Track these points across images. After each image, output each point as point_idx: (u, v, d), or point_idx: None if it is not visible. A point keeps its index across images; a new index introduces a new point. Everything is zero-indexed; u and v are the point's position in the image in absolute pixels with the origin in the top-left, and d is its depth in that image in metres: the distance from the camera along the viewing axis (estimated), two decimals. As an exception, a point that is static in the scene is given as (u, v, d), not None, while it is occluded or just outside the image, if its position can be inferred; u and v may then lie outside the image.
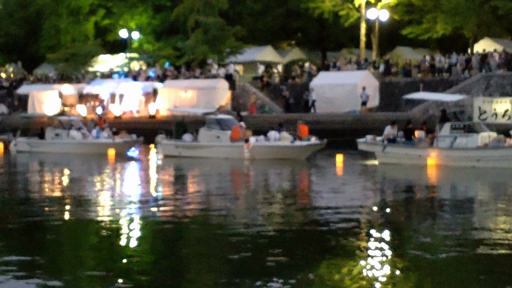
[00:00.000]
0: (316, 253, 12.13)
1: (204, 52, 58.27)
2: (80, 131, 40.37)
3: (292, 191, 22.54)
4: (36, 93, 62.18)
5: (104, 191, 21.95)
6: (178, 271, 11.09)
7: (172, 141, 36.89)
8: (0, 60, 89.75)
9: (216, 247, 12.91)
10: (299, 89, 53.32)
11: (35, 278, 10.42)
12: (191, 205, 18.14)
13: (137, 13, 74.79)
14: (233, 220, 15.64)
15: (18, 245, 13.16)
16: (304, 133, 35.14)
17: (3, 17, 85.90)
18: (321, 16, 60.10)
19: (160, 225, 15.13)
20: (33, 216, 16.66)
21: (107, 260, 11.88)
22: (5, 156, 39.89)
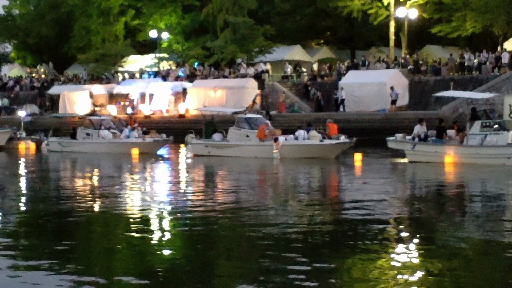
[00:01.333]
0: (345, 251, 12.15)
1: (233, 51, 58.46)
2: (110, 130, 40.68)
3: (321, 189, 22.56)
4: (67, 93, 62.78)
5: (134, 190, 22.12)
6: (206, 269, 11.15)
7: (202, 140, 37.04)
8: (32, 61, 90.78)
9: (244, 245, 12.96)
10: (328, 88, 53.28)
11: (67, 274, 10.59)
12: (220, 204, 18.22)
13: (166, 13, 75.11)
14: (262, 218, 15.70)
15: (50, 241, 13.34)
16: (333, 132, 35.10)
17: (35, 19, 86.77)
18: (350, 15, 59.93)
19: (189, 224, 15.22)
20: (64, 213, 16.89)
21: (136, 257, 12.00)
22: (37, 155, 40.32)
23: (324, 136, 34.08)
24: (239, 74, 58.12)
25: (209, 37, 68.58)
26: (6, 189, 22.56)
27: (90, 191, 22.14)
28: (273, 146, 33.01)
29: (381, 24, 58.96)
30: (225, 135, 36.49)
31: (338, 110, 48.43)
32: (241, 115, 36.39)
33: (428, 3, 56.59)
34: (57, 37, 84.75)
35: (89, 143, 40.93)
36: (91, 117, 44.54)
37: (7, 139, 44.84)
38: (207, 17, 67.14)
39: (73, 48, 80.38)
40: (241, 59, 60.23)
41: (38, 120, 59.77)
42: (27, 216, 17.04)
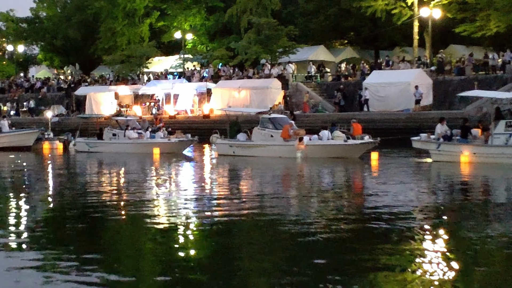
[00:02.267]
0: (369, 249, 12.25)
1: (257, 52, 58.65)
2: (136, 131, 41.05)
3: (344, 188, 22.69)
4: (93, 94, 63.30)
5: (159, 189, 22.35)
6: (230, 267, 11.32)
7: (226, 140, 37.28)
8: (59, 62, 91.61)
9: (269, 244, 13.11)
10: (352, 88, 53.34)
11: (93, 272, 10.81)
12: (245, 204, 18.30)
13: (191, 14, 75.55)
14: (286, 217, 15.84)
15: (77, 240, 13.58)
16: (357, 132, 35.19)
17: (61, 21, 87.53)
18: (374, 15, 59.88)
19: (214, 223, 15.35)
20: (91, 213, 17.15)
21: (161, 255, 12.20)
22: (64, 155, 40.77)
23: (349, 136, 34.20)
24: (263, 74, 58.35)
25: (233, 38, 68.89)
26: (34, 188, 22.96)
27: (116, 191, 22.42)
28: (297, 146, 33.16)
29: (404, 24, 58.86)
30: (249, 135, 36.70)
31: (362, 110, 48.47)
32: (266, 115, 36.57)
33: (452, 2, 56.40)
34: (83, 38, 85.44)
35: (115, 143, 41.35)
36: (117, 118, 44.93)
37: (35, 139, 45.39)
38: (231, 18, 67.43)
39: (99, 50, 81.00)
40: (265, 60, 60.43)
41: (65, 120, 60.40)
42: (55, 215, 17.34)
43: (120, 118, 44.23)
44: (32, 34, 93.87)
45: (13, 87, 79.40)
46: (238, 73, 60.93)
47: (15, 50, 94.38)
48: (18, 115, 69.78)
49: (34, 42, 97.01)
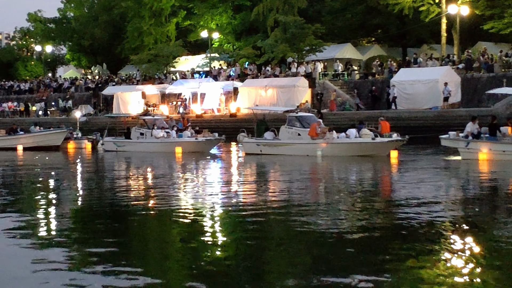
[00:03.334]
0: (398, 249, 12.12)
1: (284, 50, 58.56)
2: (163, 130, 41.16)
3: (373, 187, 22.54)
4: (121, 94, 63.60)
5: (187, 188, 22.34)
6: (258, 267, 11.26)
7: (254, 139, 37.24)
8: (86, 62, 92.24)
9: (297, 244, 13.00)
10: (379, 86, 53.09)
11: (121, 272, 10.76)
12: (273, 202, 18.25)
13: (217, 13, 75.63)
14: (313, 216, 15.74)
15: (105, 239, 13.58)
16: (385, 130, 35.03)
17: (89, 21, 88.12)
18: (401, 12, 59.59)
19: (242, 222, 15.33)
20: (118, 212, 17.22)
21: (189, 254, 12.15)
22: (93, 155, 41.00)
23: (376, 134, 34.05)
24: (289, 73, 58.26)
25: (259, 36, 68.88)
26: (63, 188, 23.09)
27: (143, 189, 22.46)
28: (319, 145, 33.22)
29: (432, 21, 58.52)
30: (277, 134, 36.66)
31: (390, 108, 48.25)
32: (293, 114, 36.50)
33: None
34: (110, 38, 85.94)
35: (143, 142, 41.49)
36: (144, 117, 45.09)
37: (63, 139, 45.72)
38: (257, 17, 67.39)
39: (126, 49, 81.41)
40: (291, 58, 60.34)
41: (93, 120, 60.75)
42: (83, 214, 17.40)
43: (148, 118, 44.36)
44: (60, 34, 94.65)
45: (42, 87, 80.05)
46: (265, 72, 60.88)
47: (43, 51, 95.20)
48: (47, 115, 70.32)
49: (61, 42, 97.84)
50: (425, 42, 67.03)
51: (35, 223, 15.82)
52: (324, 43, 59.55)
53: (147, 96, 62.27)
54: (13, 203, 19.56)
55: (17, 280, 10.43)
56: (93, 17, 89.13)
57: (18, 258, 11.85)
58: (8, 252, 12.41)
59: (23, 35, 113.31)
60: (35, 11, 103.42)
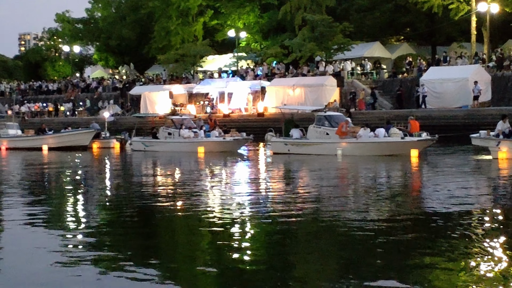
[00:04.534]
0: (429, 250, 11.85)
1: (312, 49, 58.25)
2: (191, 130, 41.08)
3: (402, 186, 22.26)
4: (148, 94, 63.72)
5: (214, 188, 22.20)
6: (286, 267, 11.09)
7: (281, 138, 37.04)
8: (114, 62, 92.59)
9: (325, 244, 12.85)
10: (409, 84, 52.66)
11: (148, 272, 10.65)
12: (300, 202, 18.06)
13: (244, 12, 75.53)
14: (342, 216, 15.54)
15: (133, 239, 13.50)
16: (415, 129, 34.65)
17: (116, 21, 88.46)
18: (431, 10, 59.01)
19: (269, 222, 15.15)
20: (147, 211, 17.10)
21: (216, 255, 12.01)
22: (121, 155, 41.03)
23: (406, 134, 33.69)
24: (317, 72, 57.97)
25: (287, 35, 68.64)
26: (91, 187, 23.05)
27: (171, 189, 22.35)
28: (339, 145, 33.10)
29: (462, 19, 57.88)
30: (305, 133, 36.42)
31: (419, 107, 47.82)
32: (321, 113, 36.22)
33: (510, -3, 55.35)
34: (137, 38, 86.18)
35: (171, 142, 41.43)
36: (172, 117, 45.03)
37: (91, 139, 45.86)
38: (285, 16, 67.15)
39: (153, 49, 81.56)
40: (319, 57, 60.04)
41: (120, 120, 60.89)
42: (112, 213, 17.30)
43: (175, 117, 44.32)
44: (88, 34, 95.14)
45: (69, 87, 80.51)
46: (292, 71, 60.64)
47: (71, 51, 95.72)
48: (75, 115, 70.75)
49: (89, 42, 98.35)
50: (454, 40, 66.39)
51: (63, 221, 15.81)
52: (352, 41, 59.12)
53: (174, 95, 62.31)
54: (42, 201, 19.56)
55: (43, 278, 10.39)
56: (120, 17, 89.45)
57: (45, 257, 11.78)
58: (36, 250, 12.39)
59: (51, 36, 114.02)
60: (63, 11, 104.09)
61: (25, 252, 12.27)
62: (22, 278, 10.50)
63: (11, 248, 12.77)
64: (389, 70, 60.39)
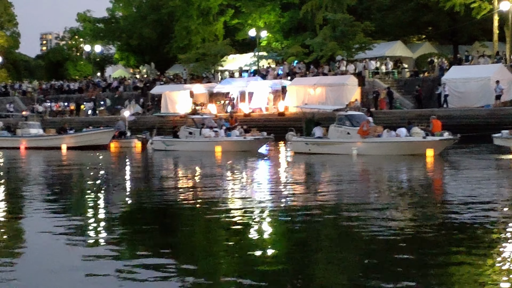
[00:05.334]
0: (452, 251, 11.75)
1: (333, 48, 58.08)
2: (212, 129, 41.08)
3: (424, 186, 22.08)
4: (169, 93, 63.84)
5: (235, 188, 22.13)
6: (307, 268, 11.00)
7: (302, 138, 36.94)
8: (135, 61, 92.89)
9: (347, 242, 12.77)
10: (430, 83, 52.38)
11: (169, 272, 10.63)
12: (322, 201, 17.98)
13: (265, 11, 75.48)
14: (363, 215, 15.44)
15: (153, 238, 13.47)
16: (437, 128, 34.45)
17: (137, 20, 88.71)
18: (452, 9, 58.65)
19: (290, 222, 15.09)
20: (167, 211, 17.10)
21: (237, 256, 11.93)
22: (143, 154, 41.11)
23: (428, 133, 33.48)
24: (338, 71, 57.80)
25: (308, 34, 68.50)
26: (113, 187, 23.09)
27: (192, 187, 22.35)
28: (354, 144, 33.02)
29: (484, 18, 57.47)
30: (325, 133, 36.30)
31: (441, 106, 47.55)
32: (342, 112, 36.09)
33: (533, -5, 54.83)
34: (158, 38, 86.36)
35: (192, 141, 41.44)
36: (193, 116, 45.07)
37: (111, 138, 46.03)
38: (306, 15, 67.02)
39: (174, 48, 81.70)
40: (340, 56, 59.87)
41: (141, 119, 61.03)
42: (132, 213, 17.30)
43: (196, 117, 44.34)
44: (109, 34, 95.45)
45: (91, 86, 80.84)
46: (313, 70, 60.50)
47: (92, 50, 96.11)
48: (95, 114, 71.04)
49: (110, 42, 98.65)
50: (476, 39, 65.92)
51: (84, 220, 15.80)
52: (373, 40, 58.91)
53: (195, 95, 62.40)
54: (64, 200, 19.61)
55: (65, 276, 10.41)
56: (141, 17, 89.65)
57: (67, 255, 11.85)
58: (58, 248, 12.44)
59: (72, 35, 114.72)
60: (84, 11, 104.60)
61: (46, 250, 12.29)
62: (43, 276, 10.52)
63: (32, 246, 12.78)
64: (410, 69, 60.09)
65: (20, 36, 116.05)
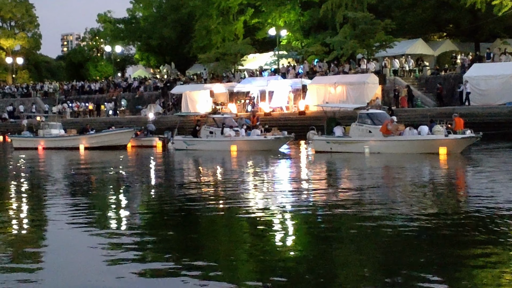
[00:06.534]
0: (475, 249, 11.69)
1: (353, 47, 57.82)
2: (232, 128, 41.06)
3: (446, 184, 21.93)
4: (189, 93, 63.89)
5: (256, 187, 22.10)
6: (329, 268, 10.99)
7: (323, 136, 36.84)
8: (155, 61, 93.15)
9: (369, 241, 12.71)
10: (452, 81, 52.06)
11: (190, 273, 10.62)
12: (343, 200, 17.91)
13: (285, 10, 75.31)
14: (385, 213, 15.35)
15: (175, 239, 13.46)
16: (459, 126, 34.25)
17: (157, 20, 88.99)
18: (474, 6, 58.23)
19: (312, 221, 15.06)
20: (188, 211, 17.06)
21: (258, 255, 11.91)
22: (164, 153, 41.17)
23: (450, 131, 33.27)
24: (359, 69, 57.58)
25: (328, 33, 68.26)
26: (134, 186, 23.13)
27: (213, 188, 22.31)
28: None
29: (506, 15, 57.01)
30: (346, 131, 36.17)
31: (462, 104, 47.25)
32: (363, 111, 35.94)
33: (556, -9, 54.36)
34: (178, 37, 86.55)
35: (212, 141, 41.45)
36: (214, 116, 45.07)
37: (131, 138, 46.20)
38: (326, 13, 66.75)
39: (194, 48, 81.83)
40: (361, 55, 59.63)
41: (162, 119, 61.13)
42: (153, 213, 17.30)
43: (217, 116, 44.34)
44: (129, 34, 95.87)
45: (111, 87, 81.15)
46: (334, 69, 60.32)
47: (112, 51, 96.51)
48: (116, 114, 71.30)
49: (130, 42, 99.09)
50: (498, 36, 65.41)
51: (106, 219, 15.90)
52: (394, 39, 58.55)
53: (215, 94, 62.44)
54: (87, 199, 19.70)
55: (89, 275, 10.47)
56: (161, 17, 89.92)
57: (89, 254, 11.98)
58: (82, 247, 12.57)
59: (93, 36, 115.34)
60: (105, 12, 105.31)
61: (71, 252, 12.37)
62: (67, 276, 10.58)
63: (57, 248, 12.84)
64: (431, 67, 59.74)
65: (41, 38, 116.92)
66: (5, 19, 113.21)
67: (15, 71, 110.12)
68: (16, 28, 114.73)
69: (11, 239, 13.93)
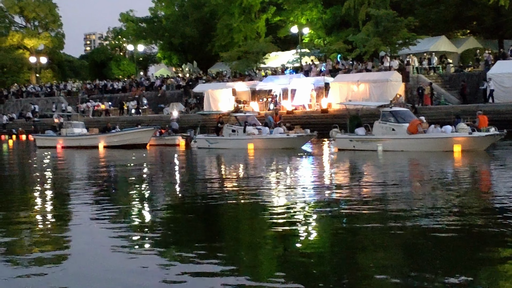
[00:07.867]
0: (498, 247, 11.55)
1: (376, 44, 57.57)
2: (255, 127, 41.01)
3: (469, 182, 21.74)
4: (211, 91, 63.96)
5: (279, 185, 21.97)
6: (352, 263, 10.93)
7: (346, 134, 36.70)
8: (177, 60, 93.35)
9: (392, 239, 12.59)
10: (475, 78, 51.68)
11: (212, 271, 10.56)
12: (366, 198, 17.79)
13: (307, 8, 75.15)
14: (409, 212, 15.21)
15: (196, 238, 13.43)
16: (483, 124, 33.97)
17: (179, 19, 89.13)
18: (497, 3, 57.80)
19: (335, 219, 14.93)
20: (211, 209, 17.03)
21: (281, 254, 11.85)
22: (187, 152, 41.19)
23: (474, 129, 33.00)
24: (382, 67, 57.32)
25: (351, 30, 68.07)
26: (155, 184, 23.15)
27: (235, 186, 22.26)
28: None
29: (530, 12, 56.58)
30: (370, 129, 36.01)
31: (486, 102, 46.89)
32: (387, 109, 35.74)
33: None
34: (200, 36, 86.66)
35: (235, 139, 41.42)
36: (236, 114, 45.04)
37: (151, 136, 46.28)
38: (348, 11, 66.57)
39: (216, 47, 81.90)
40: (384, 52, 59.36)
41: (184, 117, 61.22)
42: (175, 211, 17.28)
43: (240, 114, 44.29)
44: (151, 33, 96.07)
45: (134, 86, 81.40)
46: (357, 67, 60.09)
47: (135, 50, 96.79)
48: (139, 113, 71.50)
49: (153, 41, 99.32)
50: (522, 33, 64.95)
51: (128, 217, 15.89)
52: (417, 36, 58.24)
53: (237, 93, 62.44)
54: (110, 197, 19.75)
55: (110, 273, 10.51)
56: (183, 16, 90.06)
57: (111, 252, 11.97)
58: (104, 245, 12.53)
59: (115, 35, 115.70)
60: (127, 11, 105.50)
61: (93, 249, 12.37)
62: (90, 273, 10.59)
63: (80, 244, 12.87)
64: (455, 64, 59.35)
65: (64, 37, 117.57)
66: (28, 18, 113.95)
67: (39, 71, 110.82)
68: (40, 28, 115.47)
69: (38, 230, 14.20)
